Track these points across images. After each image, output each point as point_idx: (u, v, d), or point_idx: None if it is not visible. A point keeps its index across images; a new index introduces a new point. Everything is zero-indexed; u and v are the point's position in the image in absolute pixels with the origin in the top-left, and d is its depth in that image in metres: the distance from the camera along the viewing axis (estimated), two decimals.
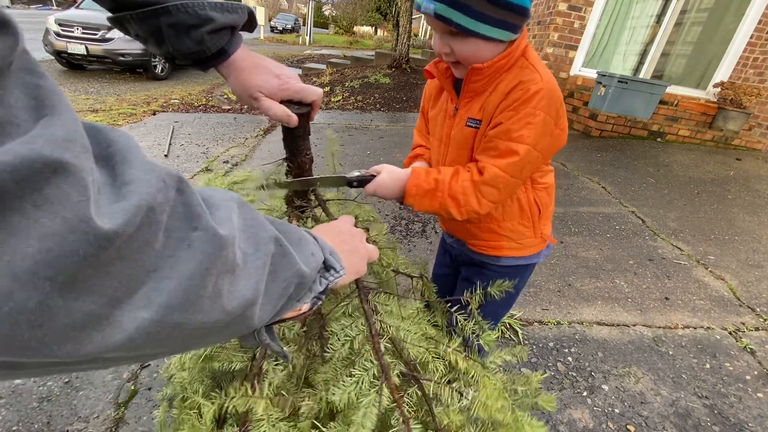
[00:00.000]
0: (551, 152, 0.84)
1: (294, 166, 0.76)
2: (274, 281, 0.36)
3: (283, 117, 0.64)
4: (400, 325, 0.71)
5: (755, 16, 5.24)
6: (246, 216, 0.34)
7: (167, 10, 0.51)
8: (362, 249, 0.58)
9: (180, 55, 0.56)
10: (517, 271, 1.05)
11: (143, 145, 3.88)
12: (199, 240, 0.27)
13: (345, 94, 6.97)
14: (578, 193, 3.51)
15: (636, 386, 1.64)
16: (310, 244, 0.43)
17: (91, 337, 0.22)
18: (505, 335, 1.84)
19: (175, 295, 0.25)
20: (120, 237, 0.21)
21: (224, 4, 0.55)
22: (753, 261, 2.70)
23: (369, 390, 0.61)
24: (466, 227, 1.02)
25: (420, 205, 0.84)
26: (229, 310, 0.30)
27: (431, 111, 0.99)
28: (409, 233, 2.66)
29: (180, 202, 0.26)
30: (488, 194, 0.81)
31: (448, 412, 0.66)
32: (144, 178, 0.24)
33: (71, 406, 1.38)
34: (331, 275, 0.45)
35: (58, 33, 6.71)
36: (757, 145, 5.51)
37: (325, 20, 42.40)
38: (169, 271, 0.25)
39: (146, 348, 0.26)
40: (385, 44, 17.22)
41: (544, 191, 0.94)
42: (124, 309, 0.23)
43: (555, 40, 5.41)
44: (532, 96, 0.75)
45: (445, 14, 0.70)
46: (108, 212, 0.21)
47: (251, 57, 0.63)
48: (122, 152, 0.24)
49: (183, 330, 0.27)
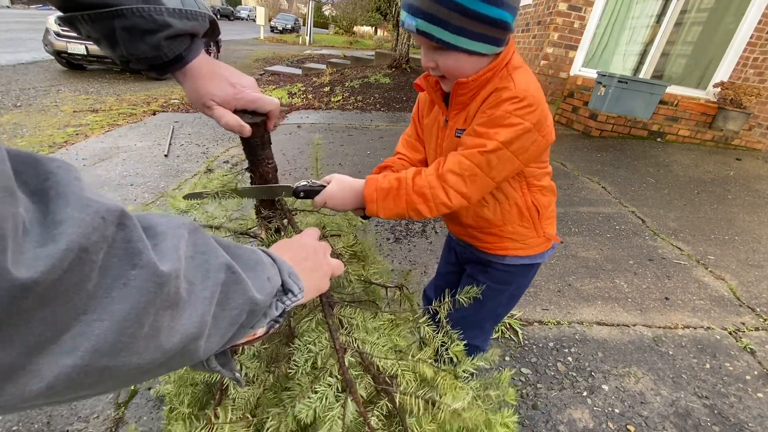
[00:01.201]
0: (533, 157, 0.82)
1: (256, 175, 0.75)
2: (225, 310, 0.35)
3: (235, 126, 0.63)
4: (366, 338, 0.71)
5: (755, 16, 5.24)
6: (195, 243, 0.33)
7: (121, 12, 0.49)
8: (325, 265, 0.57)
9: (135, 59, 0.55)
10: (521, 270, 1.05)
11: (143, 146, 3.89)
12: (137, 278, 0.25)
13: (345, 94, 6.97)
14: (578, 193, 3.51)
15: (636, 386, 1.64)
16: (267, 267, 0.42)
17: (4, 388, 0.21)
18: (505, 335, 1.84)
19: (104, 339, 0.24)
20: (40, 285, 0.20)
21: (183, 11, 0.54)
22: (753, 261, 2.70)
23: (335, 404, 0.61)
24: (470, 232, 1.03)
25: (385, 209, 0.80)
26: (167, 348, 0.29)
27: (425, 119, 1.00)
28: (409, 233, 2.66)
29: (120, 238, 0.25)
30: (453, 183, 0.78)
31: (420, 421, 0.66)
32: (78, 217, 0.22)
33: (71, 406, 1.38)
34: (289, 299, 0.44)
35: (58, 33, 6.71)
36: (757, 145, 5.51)
37: (325, 20, 42.40)
38: (102, 313, 0.24)
39: (68, 393, 0.25)
40: (385, 44, 17.23)
41: (540, 193, 0.95)
42: (44, 356, 0.22)
43: (555, 40, 5.41)
44: (503, 101, 0.75)
45: (427, 30, 0.71)
46: (30, 258, 0.20)
47: (210, 65, 0.61)
48: (59, 186, 0.23)
49: (113, 373, 0.26)
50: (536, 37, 5.78)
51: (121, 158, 3.53)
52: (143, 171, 3.30)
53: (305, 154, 3.86)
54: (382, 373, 0.69)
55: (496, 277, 1.05)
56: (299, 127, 4.90)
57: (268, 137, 0.72)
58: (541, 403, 1.53)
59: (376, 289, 0.93)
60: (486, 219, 0.96)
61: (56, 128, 4.21)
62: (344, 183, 0.81)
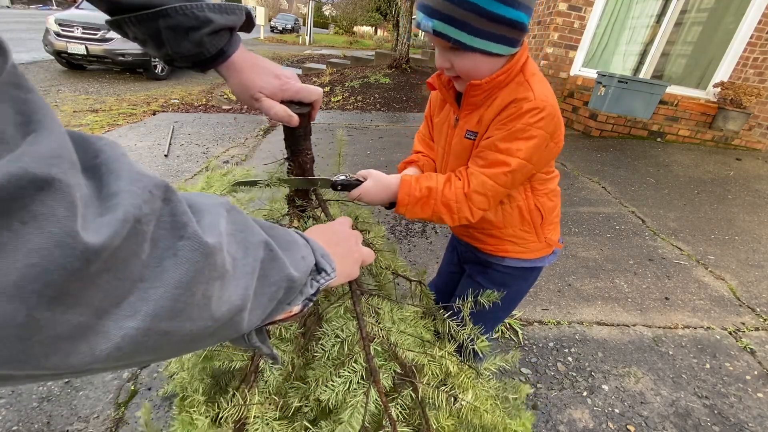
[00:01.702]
0: (545, 163, 0.86)
1: (295, 165, 0.77)
2: (264, 286, 0.36)
3: (284, 117, 0.65)
4: (391, 329, 0.72)
5: (755, 16, 5.24)
6: (235, 220, 0.34)
7: (165, 12, 0.51)
8: (356, 252, 0.58)
9: (179, 57, 0.56)
10: (520, 273, 1.04)
11: (143, 146, 3.89)
12: (185, 249, 0.27)
13: (345, 94, 6.97)
14: (578, 193, 3.51)
15: (636, 386, 1.64)
16: (301, 247, 0.43)
17: (78, 348, 0.23)
18: (505, 335, 1.84)
19: (162, 304, 0.25)
20: (106, 250, 0.21)
21: (222, 6, 0.55)
22: (753, 261, 2.70)
23: (357, 391, 0.62)
24: (471, 233, 1.03)
25: (412, 213, 0.85)
26: (218, 316, 0.30)
27: (436, 118, 1.00)
28: (409, 233, 2.67)
29: (166, 212, 0.27)
30: (478, 202, 0.82)
31: (439, 415, 0.66)
32: (130, 190, 0.24)
33: (71, 406, 1.38)
34: (323, 278, 0.45)
35: (58, 33, 6.71)
36: (757, 145, 5.51)
37: (325, 20, 42.40)
38: (156, 281, 0.25)
39: (134, 356, 0.26)
40: (385, 44, 17.22)
41: (546, 197, 0.94)
42: (110, 319, 0.23)
43: (555, 40, 5.41)
44: (524, 113, 0.76)
45: (443, 31, 0.71)
46: (94, 226, 0.21)
47: (250, 57, 0.63)
48: (109, 162, 0.25)
49: (171, 338, 0.27)
50: (536, 37, 5.78)
51: None
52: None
53: None
54: (407, 363, 0.69)
55: (494, 278, 1.05)
56: None
57: (310, 128, 0.74)
58: (541, 403, 1.53)
59: (388, 285, 0.94)
60: (487, 220, 0.96)
61: None
62: (380, 181, 0.85)
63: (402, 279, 0.95)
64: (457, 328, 0.82)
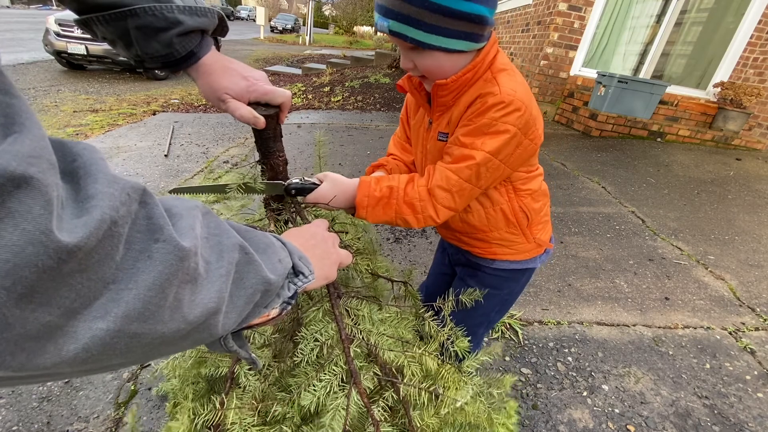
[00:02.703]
0: (521, 161, 0.80)
1: (267, 168, 0.75)
2: (239, 288, 0.36)
3: (250, 118, 0.64)
4: (371, 330, 0.71)
5: (755, 16, 5.24)
6: (209, 224, 0.35)
7: (134, 12, 0.50)
8: (333, 254, 0.58)
9: (149, 58, 0.56)
10: (511, 275, 1.03)
11: (143, 146, 3.89)
12: (160, 251, 0.27)
13: (345, 94, 6.97)
14: (578, 193, 3.51)
15: (636, 386, 1.64)
16: (277, 250, 0.43)
17: (45, 348, 0.23)
18: (505, 335, 1.84)
19: (133, 306, 0.26)
20: (81, 250, 0.22)
21: (193, 8, 0.55)
22: (753, 261, 2.70)
23: (339, 393, 0.61)
24: (458, 237, 1.02)
25: (373, 216, 0.80)
26: (191, 319, 0.30)
27: (412, 120, 0.98)
28: (409, 233, 2.66)
29: (142, 215, 0.27)
30: (441, 198, 0.78)
31: (423, 415, 0.66)
32: (107, 192, 0.24)
33: (71, 406, 1.38)
34: (300, 280, 0.45)
35: (58, 33, 6.71)
36: (757, 145, 5.51)
37: (325, 20, 42.41)
38: (129, 282, 0.25)
39: (103, 359, 0.26)
40: (385, 44, 17.19)
41: (530, 197, 0.91)
42: (80, 320, 0.23)
43: (555, 40, 5.41)
44: (489, 108, 0.73)
45: (400, 30, 0.68)
46: (70, 226, 0.22)
47: (221, 60, 0.62)
48: (86, 166, 0.25)
49: (141, 340, 0.27)
50: (536, 37, 5.78)
51: (121, 158, 3.53)
52: (143, 171, 3.30)
53: (305, 154, 3.86)
54: (388, 364, 0.69)
55: (485, 281, 1.03)
56: (299, 127, 4.90)
57: (279, 130, 0.73)
58: (541, 403, 1.53)
59: (379, 286, 0.93)
60: (472, 225, 0.94)
61: (56, 128, 4.21)
62: (337, 183, 0.80)
63: (391, 282, 0.94)
64: (437, 328, 0.82)
